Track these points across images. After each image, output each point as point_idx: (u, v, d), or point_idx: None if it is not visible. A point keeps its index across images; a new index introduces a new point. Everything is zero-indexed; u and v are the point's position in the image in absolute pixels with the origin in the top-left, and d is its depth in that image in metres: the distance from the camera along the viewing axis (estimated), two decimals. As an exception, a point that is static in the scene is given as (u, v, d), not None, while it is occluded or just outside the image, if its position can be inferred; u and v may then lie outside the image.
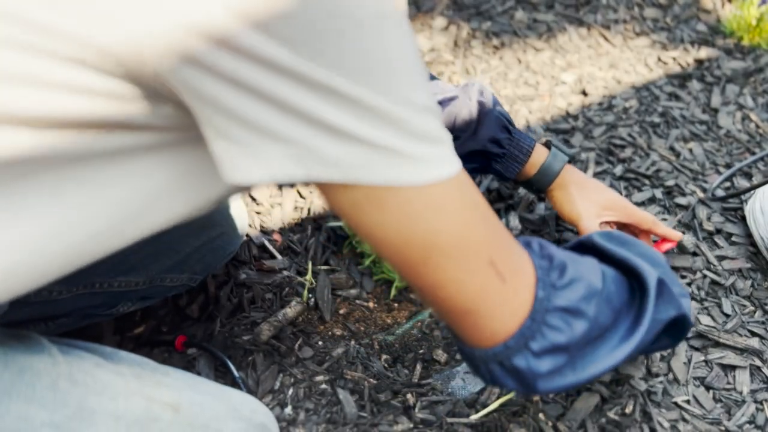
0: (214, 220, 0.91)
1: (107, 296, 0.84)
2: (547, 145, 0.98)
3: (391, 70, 0.47)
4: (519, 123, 1.31)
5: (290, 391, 0.87)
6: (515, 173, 0.97)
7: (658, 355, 0.91)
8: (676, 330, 0.71)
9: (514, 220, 1.10)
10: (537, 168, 0.97)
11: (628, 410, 0.85)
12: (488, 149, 0.95)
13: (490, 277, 0.53)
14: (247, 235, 1.07)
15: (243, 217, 0.99)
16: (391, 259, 0.53)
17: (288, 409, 0.85)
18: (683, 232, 1.09)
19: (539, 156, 0.97)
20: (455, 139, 0.94)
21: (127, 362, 0.66)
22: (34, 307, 0.76)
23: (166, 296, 0.96)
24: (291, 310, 0.95)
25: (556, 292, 0.56)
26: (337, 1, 0.44)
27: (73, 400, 0.58)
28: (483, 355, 0.58)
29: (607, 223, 0.98)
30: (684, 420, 0.84)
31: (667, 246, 0.99)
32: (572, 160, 0.98)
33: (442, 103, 0.93)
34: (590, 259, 0.63)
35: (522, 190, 1.15)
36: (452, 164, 0.51)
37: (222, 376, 0.90)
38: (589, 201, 0.96)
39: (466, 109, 0.93)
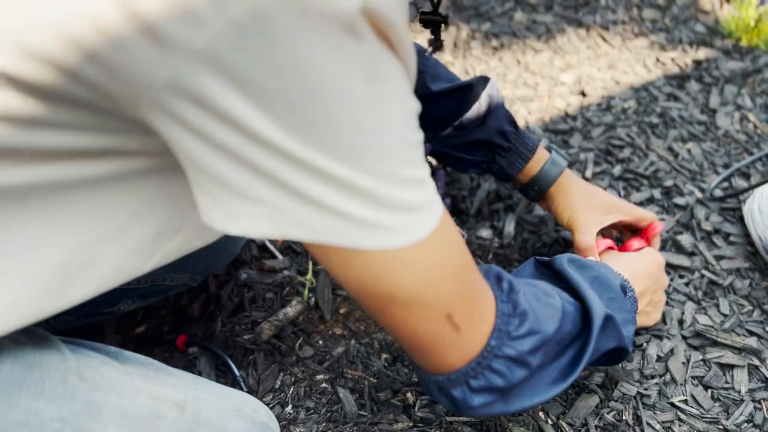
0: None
1: (108, 293, 0.84)
2: (547, 149, 0.99)
3: (368, 145, 0.48)
4: (519, 123, 1.31)
5: (291, 390, 0.88)
6: (518, 170, 0.97)
7: (654, 355, 0.92)
8: (615, 355, 0.76)
9: (510, 226, 1.10)
10: (538, 168, 0.97)
11: (624, 415, 0.86)
12: (495, 140, 0.96)
13: (444, 327, 0.56)
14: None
15: None
16: (351, 295, 0.56)
17: (288, 408, 0.86)
18: (681, 233, 1.09)
19: (541, 157, 0.97)
20: (462, 128, 0.95)
21: (132, 361, 0.67)
22: None
23: (166, 295, 0.96)
24: (291, 309, 0.96)
25: (508, 342, 0.59)
26: (318, 79, 0.44)
27: (82, 396, 0.58)
28: (426, 377, 0.63)
29: (610, 226, 0.98)
30: (680, 420, 0.85)
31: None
32: (571, 165, 0.98)
33: (454, 90, 0.95)
34: (557, 297, 0.66)
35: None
36: (426, 226, 0.52)
37: (223, 375, 0.91)
38: (590, 208, 0.96)
39: (476, 100, 0.94)
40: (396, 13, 0.48)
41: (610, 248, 0.94)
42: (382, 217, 0.49)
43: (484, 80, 0.96)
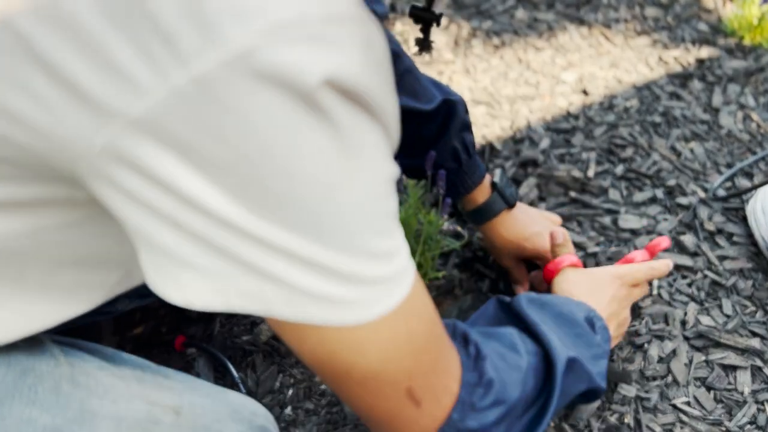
0: None
1: (108, 303, 0.84)
2: (494, 186, 0.96)
3: (330, 221, 0.44)
4: (520, 123, 1.30)
5: (290, 392, 0.87)
6: (458, 198, 0.96)
7: (656, 356, 0.91)
8: (589, 394, 0.71)
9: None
10: (479, 202, 0.95)
11: (626, 417, 0.85)
12: (445, 164, 0.93)
13: (403, 403, 0.52)
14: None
15: None
16: (304, 364, 0.53)
17: (288, 410, 0.85)
18: (683, 233, 1.08)
19: (484, 189, 0.95)
20: (419, 140, 0.92)
21: (129, 364, 0.66)
22: None
23: None
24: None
25: (472, 414, 0.55)
26: (271, 152, 0.41)
27: (75, 403, 0.58)
28: None
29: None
30: (682, 422, 0.84)
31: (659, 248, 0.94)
32: (512, 206, 0.96)
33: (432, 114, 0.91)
34: (522, 353, 0.62)
35: (523, 190, 1.15)
36: (392, 300, 0.48)
37: (221, 376, 0.90)
38: (509, 245, 0.96)
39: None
40: (372, 80, 0.43)
41: (574, 264, 0.86)
42: (344, 293, 0.45)
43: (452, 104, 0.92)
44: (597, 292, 0.80)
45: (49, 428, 0.55)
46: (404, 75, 0.90)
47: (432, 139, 0.92)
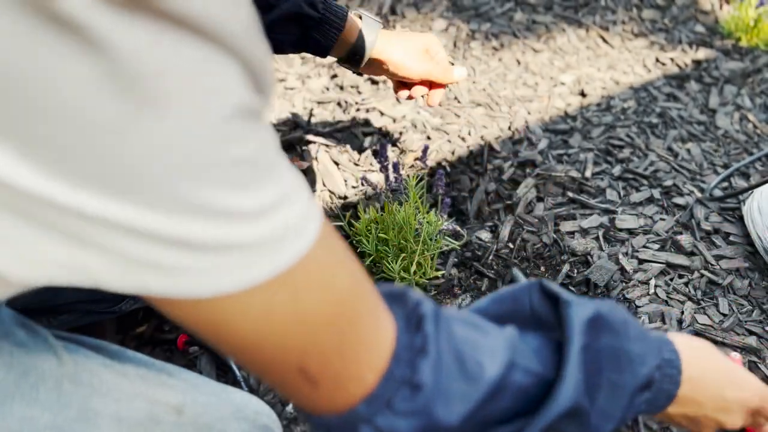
0: None
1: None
2: (357, 16, 0.98)
3: (137, 171, 0.34)
4: (518, 123, 1.31)
5: (291, 390, 0.88)
6: (334, 41, 0.96)
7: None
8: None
9: (507, 227, 1.10)
10: (354, 37, 0.96)
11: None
12: (304, 11, 0.93)
13: (296, 380, 0.44)
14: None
15: None
16: None
17: (290, 407, 0.86)
18: (680, 233, 1.09)
19: (353, 25, 0.96)
20: (270, 6, 0.91)
21: (132, 362, 0.66)
22: (35, 293, 0.76)
23: None
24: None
25: (386, 413, 0.46)
26: (29, 85, 0.31)
27: (77, 402, 0.58)
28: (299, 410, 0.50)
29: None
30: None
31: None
32: (384, 27, 0.97)
33: None
34: (497, 364, 0.49)
35: (521, 191, 1.16)
36: (265, 266, 0.38)
37: (223, 374, 0.91)
38: (410, 59, 0.97)
39: None
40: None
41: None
42: (184, 259, 0.36)
43: None
44: (711, 377, 0.60)
45: (49, 427, 0.55)
46: None
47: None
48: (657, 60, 1.48)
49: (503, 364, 0.49)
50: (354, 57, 0.97)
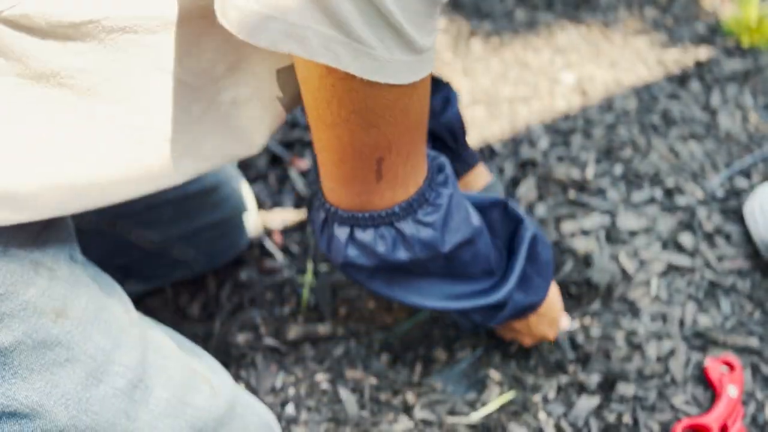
0: (227, 202, 0.93)
1: (119, 252, 0.86)
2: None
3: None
4: (519, 123, 1.31)
5: (291, 390, 0.88)
6: (461, 173, 0.95)
7: (654, 356, 0.92)
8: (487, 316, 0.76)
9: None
10: (481, 185, 0.96)
11: (625, 416, 0.86)
12: (444, 136, 0.93)
13: (369, 169, 0.57)
14: (248, 235, 1.07)
15: (254, 218, 1.01)
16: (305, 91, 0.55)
17: (289, 408, 0.86)
18: (682, 232, 1.09)
19: (482, 173, 0.97)
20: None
21: (168, 331, 0.72)
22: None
23: (170, 279, 0.97)
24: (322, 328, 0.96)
25: (410, 220, 0.61)
26: None
27: (138, 349, 0.62)
28: (320, 199, 0.64)
29: None
30: (679, 421, 0.85)
31: None
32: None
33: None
34: (476, 222, 0.67)
35: (522, 190, 1.15)
36: (420, 73, 0.52)
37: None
38: None
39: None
40: None
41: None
42: (399, 54, 0.49)
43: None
44: (548, 317, 0.84)
45: (116, 363, 0.60)
46: None
47: (434, 113, 0.92)
48: (658, 59, 1.47)
49: (479, 223, 0.67)
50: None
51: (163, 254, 0.91)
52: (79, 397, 0.58)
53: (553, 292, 0.83)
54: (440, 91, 0.92)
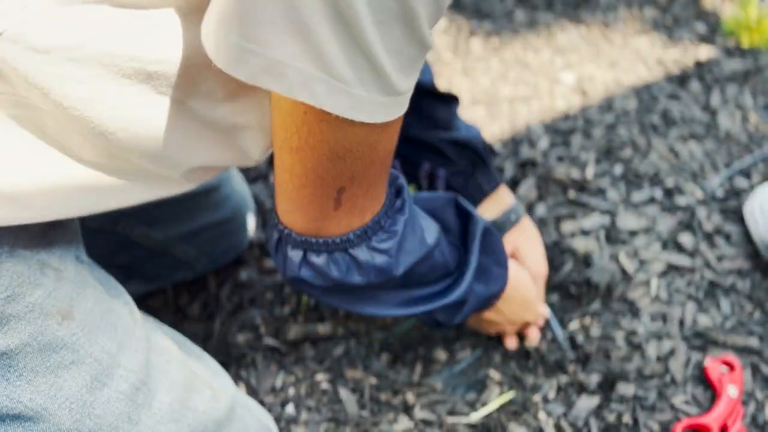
0: (227, 202, 0.94)
1: (121, 251, 0.87)
2: None
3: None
4: (519, 123, 1.31)
5: (291, 390, 0.88)
6: (494, 188, 0.94)
7: (654, 355, 0.92)
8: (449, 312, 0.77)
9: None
10: (508, 204, 0.95)
11: (624, 416, 0.86)
12: (479, 148, 0.93)
13: (329, 198, 0.57)
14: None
15: (252, 219, 1.01)
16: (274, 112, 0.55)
17: (289, 408, 0.86)
18: (682, 232, 1.09)
19: (506, 195, 0.96)
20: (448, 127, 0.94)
21: (170, 333, 0.72)
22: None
23: (172, 280, 0.97)
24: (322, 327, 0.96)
25: (365, 247, 0.62)
26: None
27: (142, 352, 0.62)
28: (273, 221, 0.64)
29: None
30: (679, 421, 0.85)
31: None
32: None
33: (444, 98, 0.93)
34: (432, 239, 0.68)
35: (522, 190, 1.15)
36: (390, 113, 0.51)
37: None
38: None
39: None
40: None
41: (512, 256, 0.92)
42: (378, 96, 0.49)
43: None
44: (519, 299, 0.86)
45: (121, 367, 0.60)
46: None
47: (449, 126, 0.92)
48: (658, 59, 1.47)
49: (435, 240, 0.68)
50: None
51: (164, 254, 0.91)
52: (84, 401, 0.57)
53: (515, 276, 0.84)
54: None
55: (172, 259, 0.93)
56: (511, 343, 0.92)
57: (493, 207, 0.94)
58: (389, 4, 0.44)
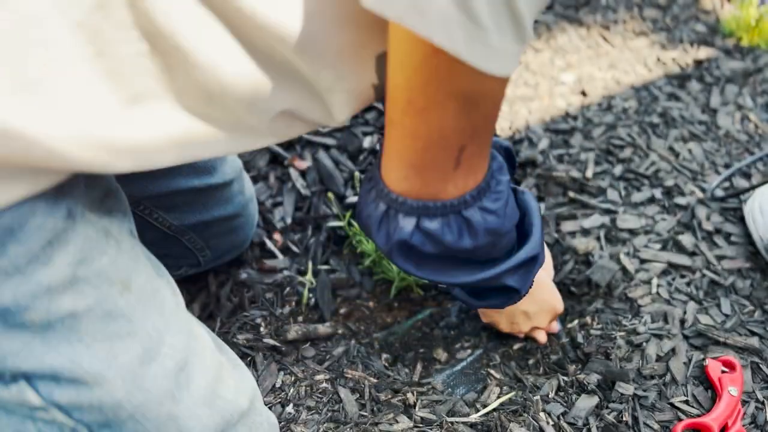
0: (236, 199, 0.94)
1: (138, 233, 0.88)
2: None
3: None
4: (519, 123, 1.31)
5: (291, 390, 0.88)
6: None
7: (654, 355, 0.92)
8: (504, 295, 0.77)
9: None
10: None
11: (624, 416, 0.86)
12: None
13: (450, 156, 0.57)
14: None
15: (256, 215, 1.02)
16: (392, 78, 0.54)
17: (289, 408, 0.86)
18: (682, 232, 1.09)
19: None
20: None
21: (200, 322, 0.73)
22: None
23: (175, 270, 0.97)
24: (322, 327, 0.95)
25: (477, 207, 0.61)
26: None
27: (185, 334, 0.63)
28: (381, 191, 0.62)
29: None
30: (679, 421, 0.85)
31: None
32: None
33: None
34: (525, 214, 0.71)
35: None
36: (514, 65, 0.51)
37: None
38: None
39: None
40: None
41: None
42: (509, 45, 0.48)
43: None
44: (548, 287, 0.90)
45: (167, 345, 0.60)
46: None
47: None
48: (658, 59, 1.47)
49: (517, 207, 0.69)
50: None
51: (175, 241, 0.92)
52: (135, 373, 0.57)
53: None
54: None
55: (181, 246, 0.93)
56: (542, 336, 0.93)
57: None
58: None
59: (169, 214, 0.89)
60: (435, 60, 0.49)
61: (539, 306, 0.89)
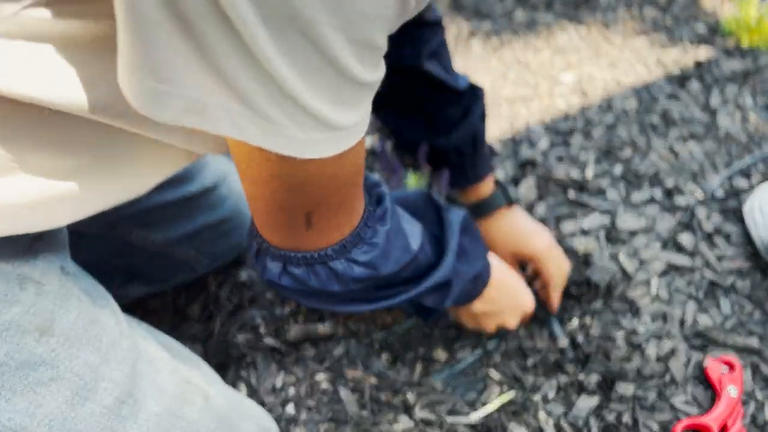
0: (225, 202, 0.94)
1: (121, 255, 0.86)
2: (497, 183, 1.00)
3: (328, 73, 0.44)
4: (519, 123, 1.31)
5: (291, 390, 0.88)
6: (477, 179, 0.97)
7: (654, 355, 0.92)
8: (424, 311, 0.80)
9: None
10: (489, 192, 0.98)
11: (624, 416, 0.86)
12: (480, 132, 0.95)
13: (298, 221, 0.56)
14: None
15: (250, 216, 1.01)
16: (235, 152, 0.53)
17: (289, 408, 0.86)
18: (682, 232, 1.09)
19: (492, 184, 0.99)
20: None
21: (166, 341, 0.71)
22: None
23: (171, 283, 0.97)
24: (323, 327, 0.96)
25: (344, 259, 0.60)
26: None
27: (129, 363, 0.61)
28: (252, 231, 0.62)
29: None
30: (679, 421, 0.85)
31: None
32: (512, 203, 0.99)
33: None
34: (416, 244, 0.66)
35: (522, 190, 1.15)
36: (336, 146, 0.48)
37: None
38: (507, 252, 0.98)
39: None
40: None
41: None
42: (318, 135, 0.46)
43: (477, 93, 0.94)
44: (510, 283, 0.87)
45: (106, 380, 0.59)
46: (440, 47, 0.91)
47: (455, 120, 0.93)
48: (658, 59, 1.47)
49: (419, 244, 0.67)
50: (471, 211, 0.99)
51: (165, 256, 0.91)
52: (64, 417, 0.56)
53: (497, 264, 0.84)
54: (461, 101, 0.93)
55: (173, 261, 0.92)
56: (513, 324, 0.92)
57: (477, 192, 0.98)
58: (294, 36, 0.40)
59: (151, 230, 0.87)
60: (246, 146, 0.48)
61: (499, 306, 0.86)
